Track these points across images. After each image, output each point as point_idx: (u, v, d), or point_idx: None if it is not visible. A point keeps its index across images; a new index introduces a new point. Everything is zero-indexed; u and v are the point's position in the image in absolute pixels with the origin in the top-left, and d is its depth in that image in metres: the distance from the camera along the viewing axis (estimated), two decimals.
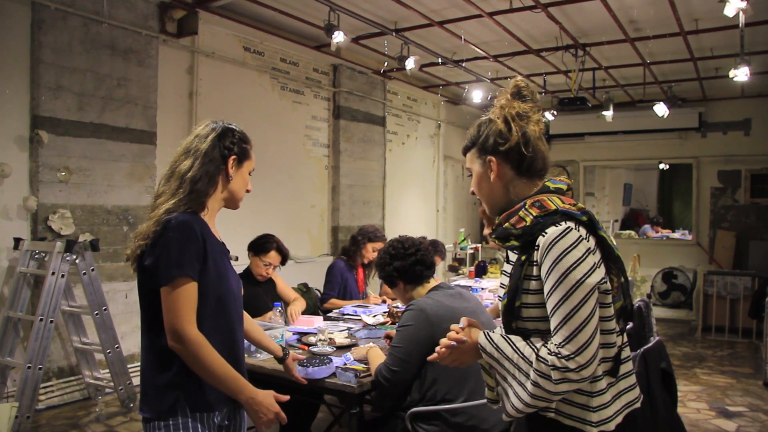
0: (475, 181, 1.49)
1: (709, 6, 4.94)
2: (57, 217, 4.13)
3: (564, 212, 1.34)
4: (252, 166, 1.76)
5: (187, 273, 1.52)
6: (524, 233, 1.35)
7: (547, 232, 1.31)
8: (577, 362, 1.24)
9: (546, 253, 1.30)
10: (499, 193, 1.46)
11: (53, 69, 4.12)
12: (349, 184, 6.96)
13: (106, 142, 4.43)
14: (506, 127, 1.43)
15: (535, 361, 1.28)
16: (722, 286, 6.80)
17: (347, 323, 3.49)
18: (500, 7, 5.15)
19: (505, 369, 1.36)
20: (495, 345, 1.37)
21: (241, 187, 1.73)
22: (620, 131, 8.75)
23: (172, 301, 1.51)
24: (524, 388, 1.31)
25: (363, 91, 7.12)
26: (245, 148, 1.73)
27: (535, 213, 1.35)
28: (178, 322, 1.50)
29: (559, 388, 1.27)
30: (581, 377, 1.26)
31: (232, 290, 1.67)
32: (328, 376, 2.44)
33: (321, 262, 6.09)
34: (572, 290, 1.26)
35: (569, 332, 1.26)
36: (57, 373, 4.24)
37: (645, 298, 3.85)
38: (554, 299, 1.28)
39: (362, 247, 4.29)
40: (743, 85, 6.78)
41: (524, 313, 1.36)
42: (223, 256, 1.70)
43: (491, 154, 1.45)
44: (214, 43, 5.36)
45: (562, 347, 1.26)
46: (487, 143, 1.45)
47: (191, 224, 1.56)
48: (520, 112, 1.43)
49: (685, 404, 4.40)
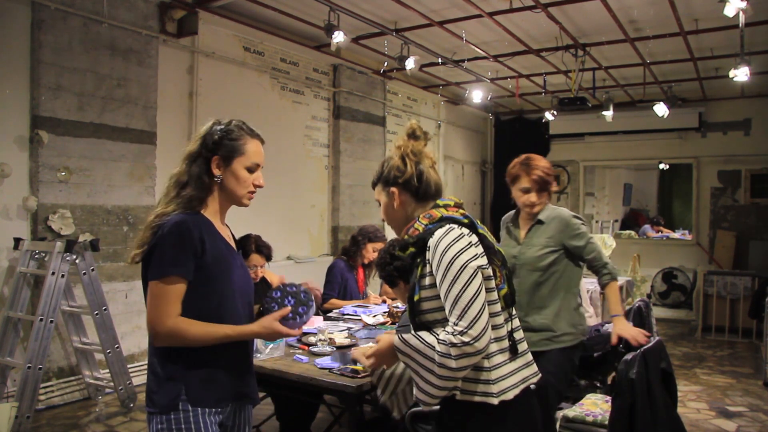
0: (383, 209, 1.77)
1: (709, 6, 4.94)
2: (57, 217, 4.13)
3: (447, 217, 1.62)
4: (250, 161, 1.70)
5: (176, 272, 1.54)
6: (418, 239, 1.62)
7: (434, 233, 1.58)
8: (471, 335, 1.45)
9: (435, 249, 1.55)
10: (402, 216, 1.73)
11: (53, 69, 4.12)
12: (349, 184, 6.97)
13: (106, 142, 4.43)
14: (402, 163, 1.71)
15: (437, 344, 1.49)
16: (722, 286, 6.79)
17: (347, 323, 3.49)
18: (500, 7, 5.15)
19: (416, 362, 1.54)
20: (405, 342, 1.56)
21: (236, 186, 1.69)
22: (620, 131, 8.75)
23: (152, 296, 1.56)
24: (432, 373, 1.50)
25: (363, 91, 7.12)
26: (233, 145, 1.68)
27: (425, 222, 1.64)
28: (153, 318, 1.55)
29: (461, 363, 1.46)
30: (476, 349, 1.46)
31: (236, 288, 1.67)
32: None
33: (321, 262, 6.09)
34: (458, 274, 1.50)
35: (460, 310, 1.48)
36: (57, 373, 4.24)
37: (645, 298, 3.86)
38: (445, 285, 1.51)
39: (362, 247, 4.29)
40: (743, 85, 6.78)
41: (423, 306, 1.58)
42: (229, 253, 1.69)
43: (393, 186, 1.72)
44: (214, 43, 5.36)
45: (456, 324, 1.47)
46: (389, 177, 1.72)
47: (185, 224, 1.58)
48: (414, 150, 1.71)
49: (685, 404, 4.40)
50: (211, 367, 1.62)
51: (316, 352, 2.81)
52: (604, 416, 2.72)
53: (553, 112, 7.82)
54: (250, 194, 1.73)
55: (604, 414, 2.74)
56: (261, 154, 1.74)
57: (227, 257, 1.67)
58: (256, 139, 1.74)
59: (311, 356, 2.76)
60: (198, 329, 1.56)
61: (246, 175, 1.70)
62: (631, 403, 2.32)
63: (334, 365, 2.58)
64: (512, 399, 1.56)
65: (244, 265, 1.77)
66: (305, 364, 2.66)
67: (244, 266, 1.76)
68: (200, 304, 1.59)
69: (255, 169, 1.72)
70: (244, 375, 1.72)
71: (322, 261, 6.20)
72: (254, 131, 1.75)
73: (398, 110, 8.04)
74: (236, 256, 1.74)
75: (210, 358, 1.61)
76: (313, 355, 2.78)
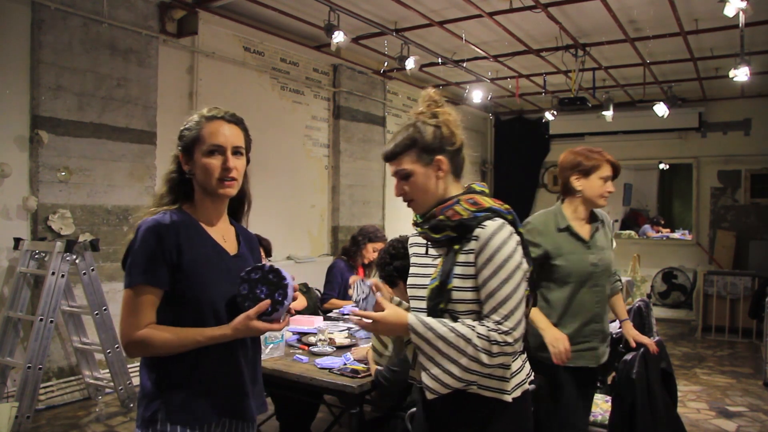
0: (414, 182, 1.60)
1: (709, 6, 4.94)
2: (57, 217, 4.13)
3: (496, 210, 1.55)
4: (208, 144, 1.52)
5: (144, 280, 1.44)
6: (460, 224, 1.53)
7: (486, 225, 1.51)
8: (514, 336, 1.46)
9: (487, 243, 1.49)
10: (437, 190, 1.60)
11: (53, 69, 4.12)
12: (349, 184, 6.97)
13: (106, 142, 4.43)
14: (449, 131, 1.59)
15: (475, 337, 1.45)
16: (722, 286, 6.79)
17: (347, 323, 3.49)
18: (500, 7, 5.15)
19: (435, 348, 1.47)
20: (428, 326, 1.49)
21: (203, 176, 1.53)
22: (620, 131, 8.74)
23: (123, 306, 1.47)
24: (456, 363, 1.46)
25: (363, 91, 7.12)
26: (190, 134, 1.54)
27: (472, 209, 1.54)
28: (120, 329, 1.48)
29: (496, 361, 1.46)
30: (514, 351, 1.48)
31: (222, 292, 1.51)
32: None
33: (321, 262, 6.09)
34: (511, 274, 1.48)
35: (508, 310, 1.47)
36: (57, 373, 4.24)
37: (645, 298, 3.85)
38: (494, 282, 1.48)
39: (362, 248, 4.29)
40: (743, 85, 6.78)
41: (455, 296, 1.52)
42: (218, 256, 1.55)
43: (440, 154, 1.59)
44: (214, 43, 5.36)
45: (501, 323, 1.46)
46: (434, 144, 1.58)
47: (157, 228, 1.47)
48: (456, 120, 1.61)
49: (685, 404, 4.40)
50: (192, 382, 1.48)
51: (316, 352, 2.81)
52: (604, 416, 2.72)
53: (553, 112, 7.82)
54: (222, 182, 1.52)
55: (604, 414, 2.75)
56: (223, 133, 1.53)
57: (213, 260, 1.53)
58: (217, 120, 1.55)
59: (311, 356, 2.76)
60: (164, 337, 1.44)
61: (207, 161, 1.52)
62: (631, 403, 2.33)
63: (334, 365, 2.58)
64: (519, 396, 1.57)
65: (240, 267, 1.55)
66: (305, 364, 2.66)
67: (239, 267, 1.54)
68: (179, 312, 1.47)
69: (218, 151, 1.52)
70: (237, 392, 1.54)
71: (322, 261, 6.20)
72: (215, 113, 1.57)
73: (398, 110, 8.04)
74: (229, 258, 1.58)
75: (191, 373, 1.48)
76: (313, 355, 2.78)
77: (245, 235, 1.70)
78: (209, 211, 1.59)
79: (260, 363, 1.68)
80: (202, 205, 1.58)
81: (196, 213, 1.57)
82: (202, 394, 1.49)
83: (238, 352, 1.55)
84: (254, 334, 1.49)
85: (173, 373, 1.48)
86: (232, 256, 1.59)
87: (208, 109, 1.59)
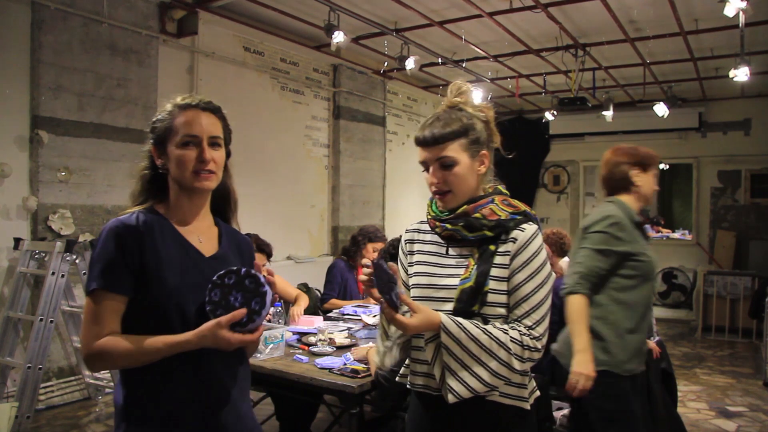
0: (459, 171, 1.51)
1: (709, 6, 4.94)
2: (57, 217, 4.13)
3: (529, 214, 1.53)
4: (180, 134, 1.39)
5: (101, 286, 1.31)
6: (499, 225, 1.48)
7: (525, 228, 1.49)
8: (542, 342, 1.45)
9: (526, 246, 1.47)
10: (475, 187, 1.55)
11: (53, 69, 4.12)
12: (349, 184, 6.96)
13: (106, 142, 4.43)
14: (493, 128, 1.57)
15: (509, 341, 1.42)
16: (722, 286, 6.79)
17: (347, 323, 3.49)
18: (500, 7, 5.15)
19: (466, 350, 1.41)
20: (461, 326, 1.42)
21: (176, 170, 1.39)
22: (620, 131, 8.73)
23: (83, 315, 1.36)
24: (486, 368, 1.41)
25: (363, 91, 7.12)
26: (161, 126, 1.42)
27: (509, 210, 1.51)
28: (81, 339, 1.35)
29: (524, 367, 1.43)
30: (539, 356, 1.45)
31: (188, 301, 1.34)
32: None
33: (321, 262, 6.09)
34: (544, 282, 1.47)
35: (540, 316, 1.45)
36: (57, 373, 4.24)
37: None
38: (529, 287, 1.45)
39: (362, 248, 4.29)
40: (743, 85, 6.78)
41: (490, 299, 1.46)
42: (188, 259, 1.39)
43: (485, 149, 1.55)
44: (214, 43, 5.36)
45: (533, 329, 1.44)
46: (482, 137, 1.53)
47: (117, 230, 1.34)
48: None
49: (685, 404, 4.40)
50: (159, 403, 1.32)
51: (316, 352, 2.81)
52: None
53: (553, 112, 7.82)
54: (197, 175, 1.38)
55: None
56: (198, 123, 1.40)
57: (182, 263, 1.38)
58: (192, 109, 1.42)
59: (311, 356, 2.76)
60: (123, 347, 1.28)
61: (181, 153, 1.38)
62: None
63: (334, 365, 2.58)
64: (534, 403, 1.53)
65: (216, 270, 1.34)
66: (305, 364, 2.66)
67: (216, 271, 1.34)
68: (145, 322, 1.32)
69: (193, 142, 1.39)
70: (210, 414, 1.35)
71: (322, 261, 6.20)
72: (189, 101, 1.43)
73: (398, 110, 8.04)
74: (203, 261, 1.41)
75: (156, 394, 1.33)
76: (313, 355, 2.78)
77: (232, 236, 1.54)
78: (185, 210, 1.44)
79: (243, 375, 1.46)
80: (178, 203, 1.44)
81: (169, 212, 1.44)
82: (162, 413, 1.32)
83: (211, 373, 1.36)
84: (223, 346, 1.27)
85: (138, 394, 1.34)
86: (208, 258, 1.42)
87: (182, 98, 1.45)
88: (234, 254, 1.50)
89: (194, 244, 1.43)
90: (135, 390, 1.34)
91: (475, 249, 1.51)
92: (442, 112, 1.55)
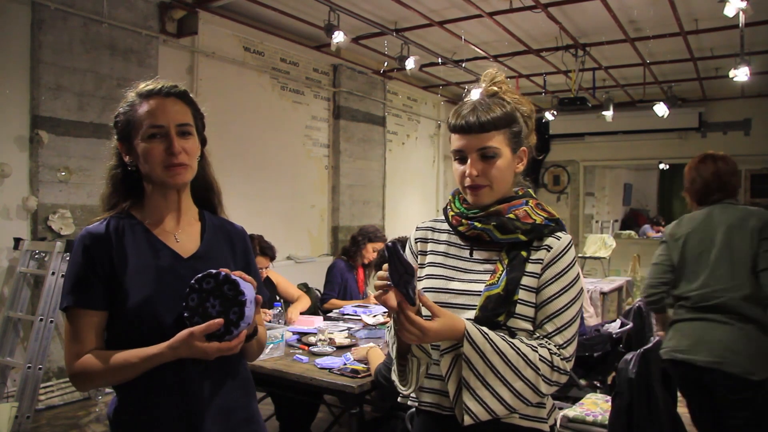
0: (500, 164, 1.35)
1: (709, 6, 4.94)
2: (57, 217, 4.13)
3: (561, 223, 1.40)
4: (145, 125, 1.27)
5: (71, 302, 1.24)
6: (534, 229, 1.33)
7: (561, 237, 1.35)
8: (571, 365, 1.31)
9: (560, 257, 1.32)
10: (511, 185, 1.41)
11: (53, 69, 4.12)
12: (349, 184, 6.97)
13: (106, 142, 4.36)
14: (532, 126, 1.43)
15: (537, 360, 1.25)
16: None
17: (347, 323, 3.49)
18: (500, 7, 5.15)
19: (489, 365, 1.24)
20: (488, 337, 1.25)
21: (145, 165, 1.28)
22: (620, 131, 8.75)
23: (63, 333, 1.34)
24: (510, 388, 1.24)
25: (363, 91, 7.12)
26: (125, 119, 1.31)
27: (544, 215, 1.37)
28: (64, 358, 1.27)
29: (551, 390, 1.29)
30: (565, 381, 1.31)
31: (165, 308, 1.24)
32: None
33: (321, 262, 6.09)
34: (576, 298, 1.33)
35: (571, 335, 1.30)
36: (57, 373, 4.24)
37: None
38: (561, 301, 1.30)
39: (362, 248, 4.29)
40: (743, 85, 6.78)
41: (518, 309, 1.30)
42: (162, 264, 1.29)
43: (524, 145, 1.41)
44: (214, 43, 5.36)
45: (564, 348, 1.29)
46: (523, 132, 1.40)
47: (85, 241, 1.27)
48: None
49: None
50: (142, 408, 1.26)
51: (316, 352, 2.81)
52: (604, 416, 2.72)
53: (553, 112, 7.82)
54: (168, 169, 1.27)
55: (604, 414, 2.74)
56: (164, 111, 1.28)
57: (157, 268, 1.28)
58: (155, 97, 1.30)
59: (311, 356, 2.76)
60: (99, 367, 1.21)
61: (146, 146, 1.26)
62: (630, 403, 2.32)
63: (334, 365, 2.58)
64: (554, 424, 1.39)
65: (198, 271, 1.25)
66: (305, 364, 2.66)
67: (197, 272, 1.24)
68: (124, 334, 1.25)
69: (158, 133, 1.27)
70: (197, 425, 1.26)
71: (322, 261, 6.20)
72: (151, 88, 1.31)
73: (398, 110, 8.04)
74: (181, 263, 1.30)
75: (139, 410, 1.27)
76: (313, 355, 2.78)
77: (220, 229, 1.42)
78: (160, 208, 1.33)
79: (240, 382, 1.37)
80: (152, 202, 1.33)
81: (143, 212, 1.34)
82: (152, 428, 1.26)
83: (197, 383, 1.27)
84: (200, 356, 1.19)
85: (126, 404, 1.29)
86: (186, 259, 1.32)
87: (144, 84, 1.33)
88: (221, 249, 1.39)
89: (170, 245, 1.32)
90: (124, 400, 1.29)
91: (503, 254, 1.35)
92: (482, 99, 1.38)
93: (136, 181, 1.34)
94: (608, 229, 10.24)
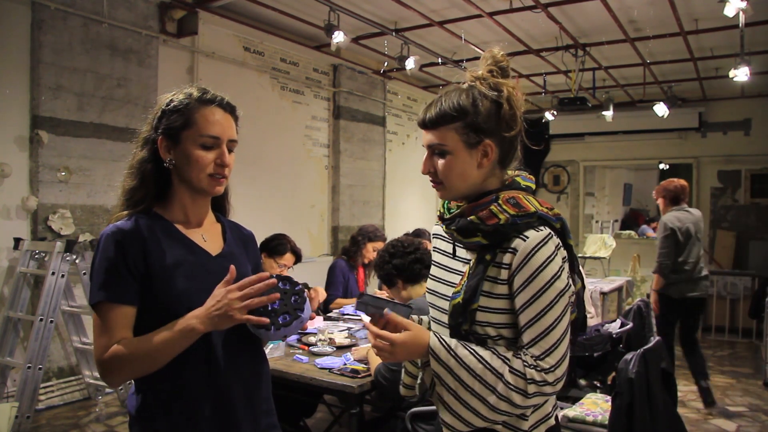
0: (451, 161, 1.26)
1: (709, 6, 4.94)
2: (57, 217, 4.13)
3: (542, 216, 1.24)
4: (202, 133, 1.31)
5: (104, 297, 1.25)
6: (496, 231, 1.22)
7: (527, 237, 1.21)
8: (555, 375, 1.20)
9: (526, 260, 1.20)
10: (477, 181, 1.29)
11: (53, 69, 4.12)
12: (349, 184, 6.97)
13: (106, 142, 4.43)
14: (510, 111, 1.27)
15: (507, 373, 1.19)
16: (722, 286, 6.80)
17: (347, 323, 3.49)
18: (500, 7, 5.15)
19: (457, 379, 1.20)
20: (453, 352, 1.21)
21: (189, 168, 1.31)
22: (620, 131, 8.74)
23: (93, 329, 1.30)
24: (481, 400, 1.19)
25: (363, 91, 7.12)
26: (177, 117, 1.32)
27: (512, 212, 1.23)
28: (94, 353, 1.30)
29: (530, 402, 1.20)
30: (554, 390, 1.21)
31: (201, 303, 1.25)
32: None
33: (321, 262, 6.09)
34: (553, 302, 1.20)
35: (549, 345, 1.19)
36: (57, 373, 4.24)
37: (645, 299, 3.86)
38: (533, 310, 1.20)
39: (362, 247, 4.30)
40: (743, 85, 6.78)
41: (480, 317, 1.24)
42: (196, 260, 1.33)
43: (489, 137, 1.26)
44: (214, 43, 5.36)
45: (542, 360, 1.19)
46: (487, 123, 1.26)
47: (116, 236, 1.27)
48: (521, 99, 1.29)
49: (685, 404, 4.40)
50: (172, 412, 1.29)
51: (316, 352, 2.81)
52: (604, 416, 2.72)
53: (553, 112, 7.81)
54: (212, 178, 1.33)
55: (604, 414, 2.74)
56: (221, 124, 1.33)
57: (190, 265, 1.32)
58: (214, 106, 1.34)
59: (311, 356, 2.76)
60: (134, 347, 1.22)
61: (199, 153, 1.30)
62: (630, 403, 2.32)
63: (334, 365, 2.58)
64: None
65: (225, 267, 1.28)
66: (305, 364, 2.66)
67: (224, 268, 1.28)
68: (155, 329, 1.25)
69: (213, 144, 1.32)
70: (224, 422, 1.31)
71: (322, 261, 6.20)
72: (211, 96, 1.35)
73: (398, 110, 8.04)
74: (211, 260, 1.36)
75: (169, 402, 1.29)
76: (313, 355, 2.78)
77: (236, 231, 1.49)
78: (187, 209, 1.37)
79: (264, 378, 1.47)
80: (180, 202, 1.36)
81: (168, 211, 1.36)
82: (182, 427, 1.28)
83: (224, 373, 1.32)
84: (227, 311, 1.21)
85: (150, 403, 1.30)
86: (215, 257, 1.37)
87: (199, 89, 1.36)
88: (240, 250, 1.46)
89: (199, 243, 1.36)
90: (147, 399, 1.30)
91: (475, 255, 1.29)
92: (450, 88, 1.32)
93: (164, 178, 1.36)
94: (608, 229, 10.23)
